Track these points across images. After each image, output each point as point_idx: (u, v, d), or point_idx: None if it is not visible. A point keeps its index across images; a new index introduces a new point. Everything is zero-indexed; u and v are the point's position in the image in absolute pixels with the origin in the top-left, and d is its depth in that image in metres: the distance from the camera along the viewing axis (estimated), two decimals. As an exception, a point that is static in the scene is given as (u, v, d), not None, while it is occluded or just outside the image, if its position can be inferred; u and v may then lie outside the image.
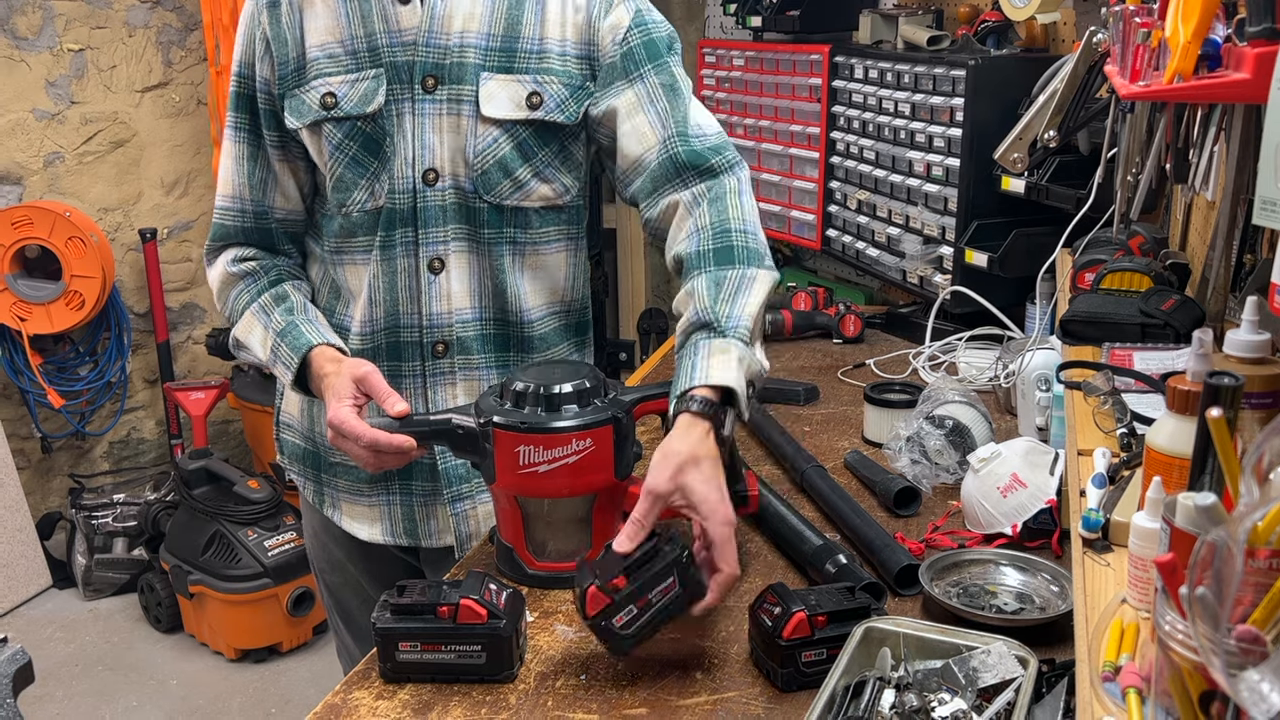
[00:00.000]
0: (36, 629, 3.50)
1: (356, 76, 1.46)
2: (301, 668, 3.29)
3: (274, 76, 1.50)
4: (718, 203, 1.43)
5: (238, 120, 1.54)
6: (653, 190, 1.48)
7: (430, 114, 1.47)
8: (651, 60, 1.49)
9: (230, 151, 1.55)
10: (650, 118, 1.47)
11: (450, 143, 1.48)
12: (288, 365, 1.47)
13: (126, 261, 3.93)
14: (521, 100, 1.47)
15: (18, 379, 3.70)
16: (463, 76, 1.47)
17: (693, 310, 1.35)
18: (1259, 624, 0.61)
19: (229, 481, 3.31)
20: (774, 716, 1.17)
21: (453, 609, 1.22)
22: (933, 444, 1.67)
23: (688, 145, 1.46)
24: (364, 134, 1.47)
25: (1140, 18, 1.22)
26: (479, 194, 1.49)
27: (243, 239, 1.57)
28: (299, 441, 1.68)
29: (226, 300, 1.57)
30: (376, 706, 1.20)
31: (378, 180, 1.49)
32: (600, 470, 1.38)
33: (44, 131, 3.72)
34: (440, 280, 1.52)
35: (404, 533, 1.63)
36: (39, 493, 3.88)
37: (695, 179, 1.46)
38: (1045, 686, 1.11)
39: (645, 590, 1.19)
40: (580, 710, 1.19)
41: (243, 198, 1.56)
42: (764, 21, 3.09)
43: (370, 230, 1.51)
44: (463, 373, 1.57)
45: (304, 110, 1.48)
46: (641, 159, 1.48)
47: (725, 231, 1.41)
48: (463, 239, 1.52)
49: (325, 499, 1.67)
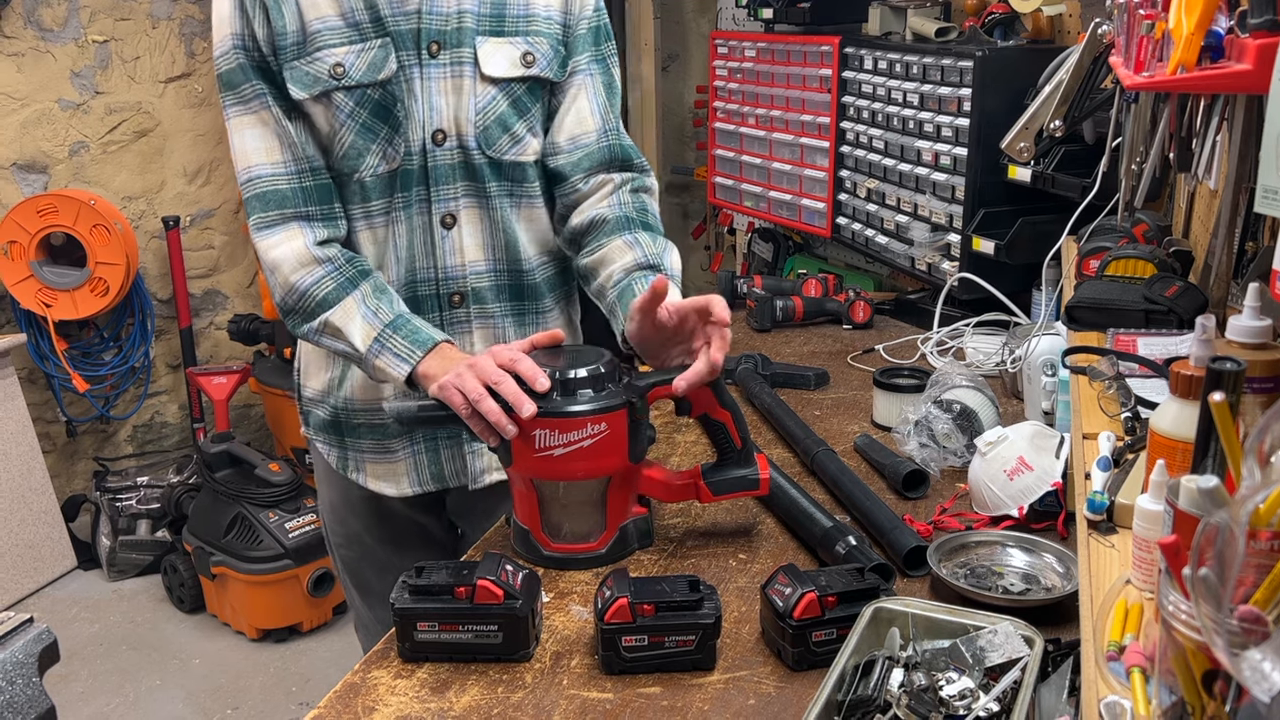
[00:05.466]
0: (62, 609, 3.54)
1: (363, 46, 1.50)
2: (321, 647, 3.33)
3: (274, 47, 1.49)
4: (642, 192, 1.67)
5: (258, 89, 1.51)
6: (589, 167, 1.65)
7: (436, 77, 1.54)
8: (602, 43, 1.66)
9: (264, 119, 1.52)
10: (595, 104, 1.65)
11: (453, 103, 1.55)
12: (404, 357, 1.47)
13: (150, 249, 3.96)
14: (517, 59, 1.57)
15: (43, 364, 3.74)
16: (461, 40, 1.54)
17: (640, 253, 1.55)
18: (1260, 604, 0.61)
19: (250, 464, 3.34)
20: (785, 695, 1.18)
21: (470, 590, 1.24)
22: (940, 428, 1.68)
23: (620, 140, 1.68)
24: (374, 101, 1.51)
25: (1144, 10, 1.23)
26: (481, 150, 1.57)
27: (303, 201, 1.53)
28: (322, 413, 1.71)
29: (301, 281, 1.52)
30: (395, 685, 1.23)
31: (390, 144, 1.54)
32: (615, 454, 1.40)
33: (69, 121, 3.75)
34: (453, 235, 1.59)
35: (430, 478, 1.69)
36: (64, 476, 3.92)
37: (623, 168, 1.68)
38: (1051, 666, 1.11)
39: (666, 632, 1.21)
40: (595, 689, 1.21)
41: (295, 159, 1.53)
42: (775, 14, 3.10)
43: (385, 193, 1.56)
44: (479, 321, 1.64)
45: (310, 81, 1.50)
46: (579, 139, 1.64)
47: (645, 211, 1.65)
48: (470, 195, 1.59)
49: (349, 463, 1.71)
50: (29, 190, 3.70)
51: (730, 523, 1.57)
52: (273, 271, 1.53)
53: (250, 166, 1.53)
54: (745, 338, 2.47)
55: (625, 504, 1.47)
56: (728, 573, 1.43)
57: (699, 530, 1.55)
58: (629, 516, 1.47)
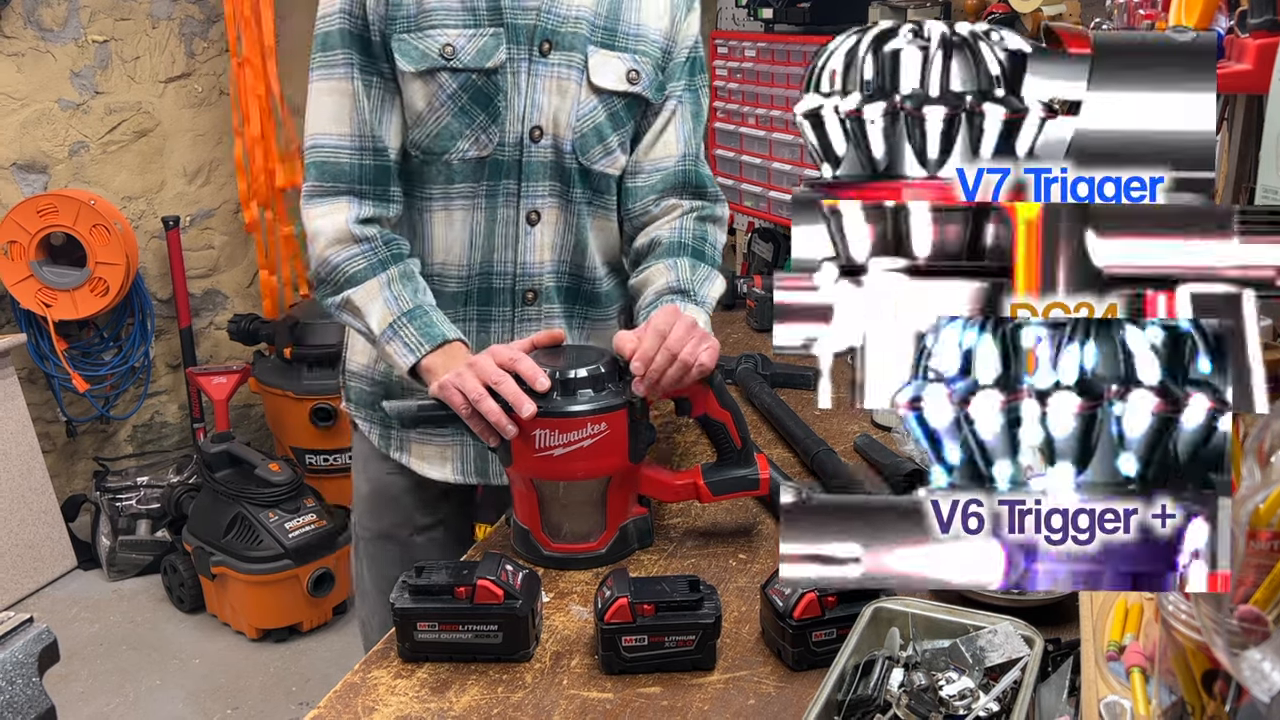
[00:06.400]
0: (61, 609, 3.54)
1: (475, 32, 1.52)
2: (321, 647, 3.33)
3: (385, 15, 1.51)
4: (707, 221, 1.70)
5: (349, 58, 1.52)
6: (662, 190, 1.69)
7: (543, 75, 1.56)
8: (697, 74, 1.71)
9: (342, 90, 1.53)
10: (681, 131, 1.69)
11: (556, 104, 1.57)
12: (412, 348, 1.48)
13: (150, 249, 3.96)
14: (623, 75, 1.61)
15: (43, 364, 3.74)
16: (574, 45, 1.57)
17: (674, 277, 1.58)
18: (1260, 604, 0.62)
19: (250, 464, 3.34)
20: (785, 694, 1.19)
21: (470, 589, 1.24)
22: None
23: (698, 168, 1.71)
24: (476, 87, 1.53)
25: (1144, 10, 1.23)
26: (575, 155, 1.60)
27: (358, 179, 1.55)
28: (366, 388, 1.71)
29: (335, 256, 1.54)
30: (395, 685, 1.23)
31: (485, 132, 1.55)
32: (615, 454, 1.40)
33: (69, 121, 3.75)
34: (536, 232, 1.61)
35: (475, 471, 1.70)
36: (64, 475, 3.92)
37: (695, 196, 1.71)
38: (1051, 665, 1.12)
39: (666, 632, 1.21)
40: (595, 689, 1.21)
41: (361, 135, 1.54)
42: (775, 14, 3.11)
43: (473, 179, 1.58)
44: (545, 320, 1.66)
45: (418, 56, 1.52)
46: (660, 161, 1.68)
47: (703, 240, 1.67)
48: (556, 195, 1.62)
49: (392, 441, 1.71)
50: (29, 190, 3.70)
51: (730, 523, 1.57)
52: (312, 240, 1.57)
53: (316, 133, 1.56)
54: (745, 338, 2.47)
55: (625, 504, 1.47)
56: (728, 573, 1.44)
57: (699, 530, 1.55)
58: (629, 516, 1.48)
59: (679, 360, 1.40)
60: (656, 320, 1.42)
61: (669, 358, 1.40)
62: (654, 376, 1.40)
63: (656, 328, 1.41)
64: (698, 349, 1.41)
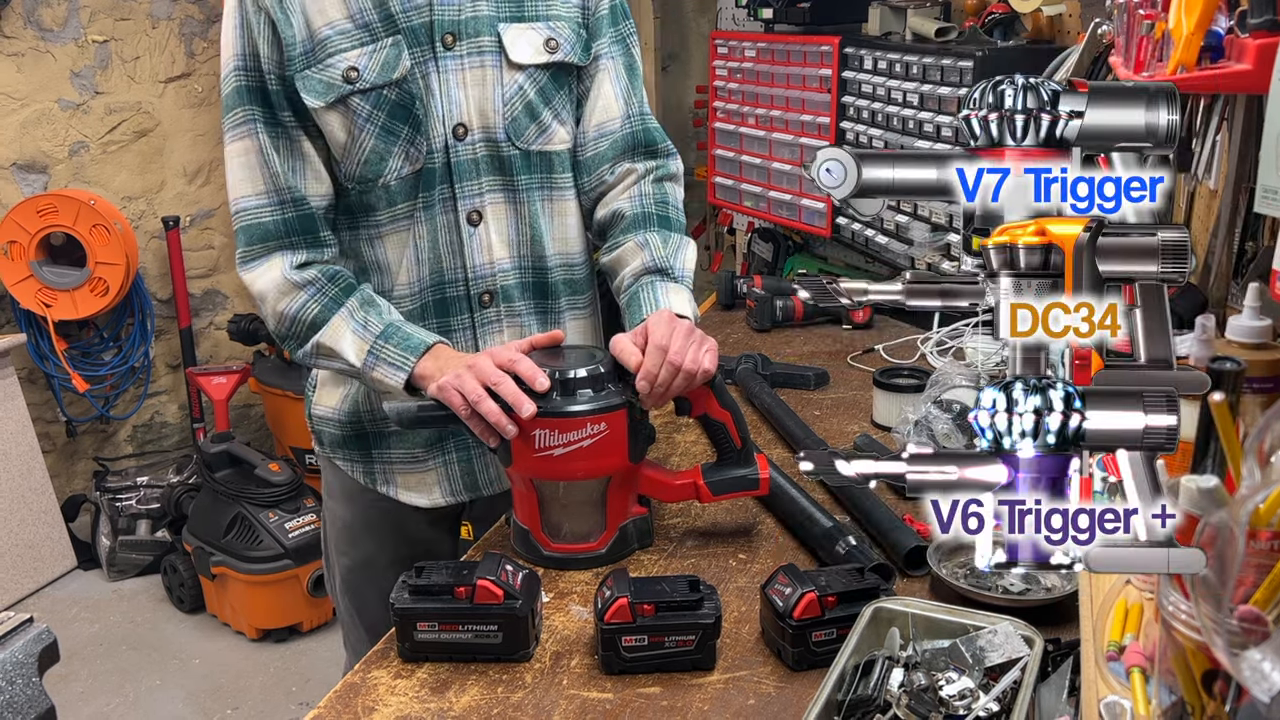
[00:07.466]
0: (61, 609, 3.54)
1: (374, 47, 1.48)
2: (321, 647, 3.33)
3: (282, 58, 1.47)
4: (665, 180, 1.67)
5: (250, 114, 1.49)
6: (614, 156, 1.65)
7: (454, 69, 1.52)
8: (620, 22, 1.65)
9: (249, 149, 1.50)
10: (618, 88, 1.64)
11: (476, 95, 1.53)
12: (398, 365, 1.46)
13: (150, 249, 3.96)
14: (540, 45, 1.55)
15: (43, 364, 3.74)
16: (479, 29, 1.52)
17: (648, 256, 1.56)
18: (1260, 604, 0.62)
19: (250, 464, 3.34)
20: (785, 695, 1.19)
21: (470, 589, 1.24)
22: (940, 428, 1.68)
23: (645, 124, 1.67)
24: (391, 101, 1.49)
25: (1144, 10, 1.23)
26: (511, 141, 1.55)
27: (284, 234, 1.52)
28: (337, 431, 1.67)
29: (288, 308, 1.51)
30: (395, 685, 1.23)
31: (412, 144, 1.51)
32: (614, 454, 1.40)
33: (69, 121, 3.75)
34: (480, 232, 1.57)
35: (464, 488, 1.66)
36: (64, 475, 3.92)
37: (648, 155, 1.67)
38: (1051, 666, 1.11)
39: (666, 632, 1.21)
40: (595, 689, 1.21)
41: (277, 190, 1.51)
42: (775, 14, 3.11)
43: (410, 195, 1.54)
44: (508, 320, 1.61)
45: (323, 89, 1.47)
46: (604, 126, 1.64)
47: (665, 203, 1.65)
48: (497, 190, 1.57)
49: (378, 476, 1.67)
50: (29, 190, 3.71)
51: (730, 523, 1.57)
52: (261, 303, 1.55)
53: (237, 198, 1.53)
54: (745, 338, 2.47)
55: (625, 504, 1.47)
56: (728, 573, 1.44)
57: (699, 530, 1.55)
58: (629, 516, 1.47)
59: (683, 371, 1.39)
60: (654, 334, 1.41)
61: (673, 371, 1.39)
62: (660, 391, 1.40)
63: (657, 343, 1.40)
64: (699, 355, 1.41)
